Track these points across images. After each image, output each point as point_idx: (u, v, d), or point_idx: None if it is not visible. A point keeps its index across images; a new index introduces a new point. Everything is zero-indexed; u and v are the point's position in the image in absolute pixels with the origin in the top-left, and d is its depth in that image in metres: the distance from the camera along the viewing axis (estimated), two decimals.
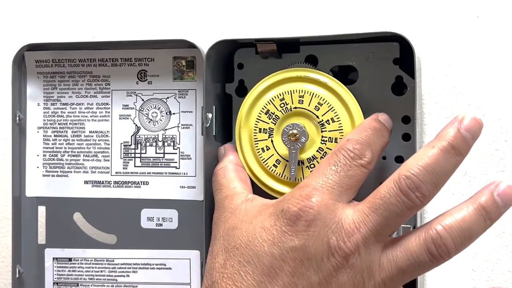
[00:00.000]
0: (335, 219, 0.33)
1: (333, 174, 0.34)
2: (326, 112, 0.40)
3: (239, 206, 0.38)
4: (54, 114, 0.47)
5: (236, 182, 0.40)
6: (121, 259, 0.46)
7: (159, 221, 0.45)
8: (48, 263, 0.47)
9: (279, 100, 0.41)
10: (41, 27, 0.55)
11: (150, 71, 0.46)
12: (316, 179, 0.35)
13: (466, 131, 0.33)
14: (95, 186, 0.46)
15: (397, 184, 0.33)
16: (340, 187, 0.34)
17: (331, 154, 0.36)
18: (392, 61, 0.42)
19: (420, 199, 0.33)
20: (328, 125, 0.40)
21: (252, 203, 0.37)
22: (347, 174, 0.34)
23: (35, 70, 0.47)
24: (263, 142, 0.41)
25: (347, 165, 0.35)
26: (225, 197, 0.39)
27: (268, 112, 0.41)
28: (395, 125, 0.41)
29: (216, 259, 0.36)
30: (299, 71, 0.41)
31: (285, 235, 0.34)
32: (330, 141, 0.40)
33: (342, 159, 0.35)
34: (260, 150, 0.41)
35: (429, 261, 0.33)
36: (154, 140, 0.46)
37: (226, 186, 0.40)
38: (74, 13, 0.54)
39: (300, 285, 0.33)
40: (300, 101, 0.40)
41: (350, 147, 0.35)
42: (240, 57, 0.46)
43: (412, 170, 0.33)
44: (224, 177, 0.41)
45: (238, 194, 0.39)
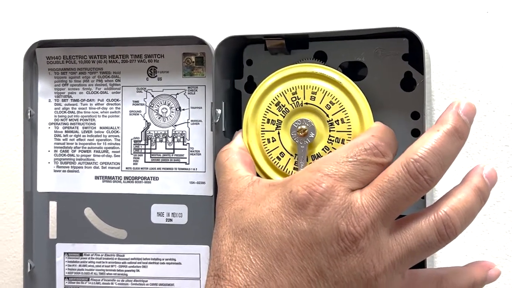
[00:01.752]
0: (344, 204, 0.33)
1: (348, 165, 0.34)
2: (337, 112, 0.40)
3: (246, 188, 0.37)
4: (65, 110, 0.47)
5: (240, 165, 0.40)
6: (131, 254, 0.46)
7: (169, 216, 0.46)
8: (59, 257, 0.47)
9: (291, 94, 0.41)
10: (52, 24, 0.56)
11: (160, 67, 0.46)
12: (328, 165, 0.34)
13: (464, 115, 0.35)
14: (106, 181, 0.47)
15: (405, 167, 0.33)
16: (352, 177, 0.34)
17: (351, 145, 0.35)
18: (401, 57, 0.42)
19: (428, 182, 0.33)
20: (337, 125, 0.40)
21: (258, 184, 0.37)
22: (363, 168, 0.34)
23: (46, 66, 0.47)
24: (269, 133, 0.41)
25: (366, 160, 0.34)
26: (229, 180, 0.39)
27: (279, 104, 0.41)
28: (404, 121, 0.41)
29: (223, 242, 0.36)
30: (314, 66, 0.41)
31: (294, 218, 0.34)
32: (337, 141, 0.40)
33: (363, 153, 0.35)
34: (266, 141, 0.41)
35: (437, 241, 0.33)
36: (164, 136, 0.46)
37: (229, 169, 0.39)
38: (85, 10, 0.55)
39: (309, 269, 0.33)
40: (312, 97, 0.40)
41: (375, 143, 0.35)
42: (249, 53, 0.46)
43: (419, 153, 0.33)
44: (227, 159, 0.40)
45: (242, 177, 0.38)
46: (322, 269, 0.33)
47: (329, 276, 0.33)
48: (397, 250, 0.33)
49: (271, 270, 0.33)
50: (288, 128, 0.41)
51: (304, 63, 0.42)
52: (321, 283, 0.33)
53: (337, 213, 0.33)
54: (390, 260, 0.33)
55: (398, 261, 0.33)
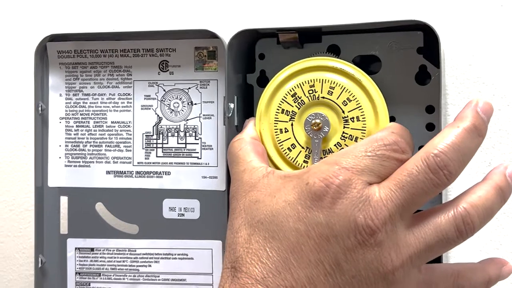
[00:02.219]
0: (362, 197, 0.33)
1: (366, 159, 0.34)
2: (354, 109, 0.39)
3: (260, 179, 0.37)
4: (76, 105, 0.47)
5: (253, 155, 0.39)
6: (143, 249, 0.46)
7: (181, 211, 0.46)
8: (70, 253, 0.47)
9: (309, 86, 0.40)
10: (63, 17, 0.55)
11: (171, 61, 0.46)
12: (346, 158, 0.34)
13: (483, 113, 0.35)
14: (117, 176, 0.46)
15: (425, 162, 0.33)
16: (370, 171, 0.34)
17: (371, 139, 0.35)
18: (416, 50, 0.42)
19: (447, 177, 0.33)
20: (352, 123, 0.39)
21: (273, 175, 0.37)
22: (382, 163, 0.34)
23: (57, 60, 0.47)
24: (283, 124, 0.41)
25: (385, 155, 0.34)
26: (243, 171, 0.38)
27: (295, 95, 0.40)
28: (419, 115, 0.41)
29: (238, 234, 0.36)
30: (334, 61, 0.40)
31: (310, 210, 0.33)
32: (350, 139, 0.39)
33: (382, 148, 0.34)
34: (278, 131, 0.41)
35: (456, 237, 0.33)
36: (175, 130, 0.46)
37: (242, 159, 0.39)
38: (96, 4, 0.55)
39: (326, 262, 0.33)
40: (329, 92, 0.40)
41: (395, 139, 0.35)
42: (261, 47, 0.45)
43: (439, 148, 0.33)
44: (240, 149, 0.40)
45: (256, 168, 0.38)
46: (339, 262, 0.33)
47: (346, 269, 0.33)
48: (415, 245, 0.33)
49: (288, 263, 0.33)
50: (302, 121, 0.40)
51: (321, 57, 0.41)
52: (338, 276, 0.33)
53: (354, 206, 0.33)
54: (407, 254, 0.33)
55: (415, 256, 0.33)
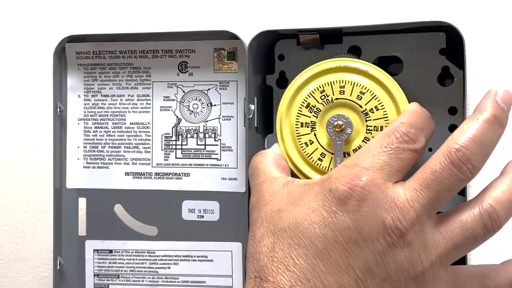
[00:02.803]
0: (387, 198, 0.33)
1: (383, 155, 0.34)
2: (369, 101, 0.39)
3: (280, 189, 0.37)
4: (95, 106, 0.47)
5: (272, 167, 0.39)
6: (162, 251, 0.46)
7: (200, 213, 0.45)
8: (88, 255, 0.47)
9: (319, 93, 0.40)
10: (82, 18, 0.55)
11: (191, 62, 0.46)
12: (364, 158, 0.34)
13: (503, 102, 0.34)
14: (136, 177, 0.46)
15: (447, 158, 0.33)
16: (390, 167, 0.34)
17: (383, 135, 0.35)
18: (438, 52, 0.42)
19: (471, 171, 0.33)
20: (372, 114, 0.39)
21: (293, 184, 0.37)
22: (399, 156, 0.34)
23: (76, 61, 0.47)
24: (306, 137, 0.41)
25: (400, 148, 0.34)
26: (263, 182, 0.38)
27: (309, 106, 0.41)
28: (441, 116, 0.41)
29: (261, 243, 0.35)
30: (339, 61, 0.41)
31: (336, 215, 0.33)
32: (375, 130, 0.39)
33: (395, 141, 0.34)
34: (304, 145, 0.41)
35: (483, 234, 0.33)
36: (195, 131, 0.46)
37: (262, 171, 0.39)
38: (115, 5, 0.54)
39: (356, 267, 0.32)
40: (341, 91, 0.40)
41: (404, 130, 0.35)
42: (281, 48, 0.45)
43: (461, 143, 0.33)
44: (260, 162, 0.40)
45: (276, 178, 0.38)
46: (369, 266, 0.32)
47: (377, 273, 0.32)
48: (443, 244, 0.33)
49: (316, 269, 0.33)
50: (323, 124, 0.40)
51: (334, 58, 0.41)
52: (369, 281, 0.32)
53: (380, 207, 0.32)
54: (436, 254, 0.33)
55: (444, 255, 0.33)
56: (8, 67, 0.59)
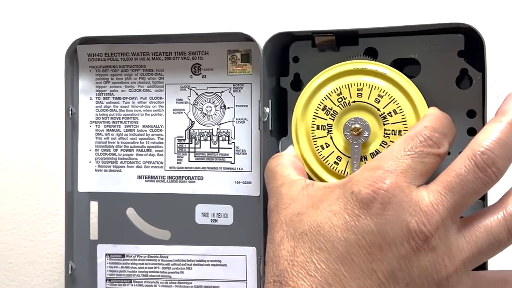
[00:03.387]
0: (411, 202, 0.32)
1: (407, 159, 0.33)
2: (388, 104, 0.39)
3: (300, 192, 0.36)
4: (107, 108, 0.46)
5: (290, 169, 0.39)
6: (175, 255, 0.45)
7: (214, 217, 0.45)
8: (100, 259, 0.46)
9: (336, 95, 0.40)
10: (94, 20, 0.55)
11: (204, 64, 0.45)
12: (388, 161, 0.33)
13: None
14: (149, 181, 0.46)
15: (472, 161, 0.32)
16: (414, 171, 0.33)
17: (406, 138, 0.34)
18: (456, 54, 0.41)
19: (496, 174, 0.32)
20: (391, 117, 0.39)
21: (313, 187, 0.36)
22: (422, 160, 0.33)
23: (87, 63, 0.46)
24: (322, 140, 0.40)
25: (424, 152, 0.33)
26: (281, 185, 0.38)
27: (326, 108, 0.40)
28: (460, 119, 0.40)
29: (281, 247, 0.34)
30: (355, 63, 0.40)
31: (358, 219, 0.32)
32: (393, 134, 0.39)
33: (419, 145, 0.34)
34: (320, 148, 0.40)
35: (507, 239, 0.33)
36: (208, 134, 0.45)
37: (280, 174, 0.38)
38: (127, 6, 0.54)
39: (380, 271, 0.32)
40: (358, 94, 0.39)
41: (428, 134, 0.34)
42: (295, 50, 0.45)
43: (485, 145, 0.32)
44: (277, 165, 0.39)
45: (295, 181, 0.37)
46: (393, 271, 0.32)
47: (400, 278, 0.32)
48: (467, 249, 0.32)
49: (338, 274, 0.32)
50: (340, 128, 0.40)
51: (351, 60, 0.40)
52: (392, 285, 0.32)
53: (405, 211, 0.32)
54: (460, 259, 0.32)
55: (468, 260, 0.32)
56: (17, 69, 0.58)
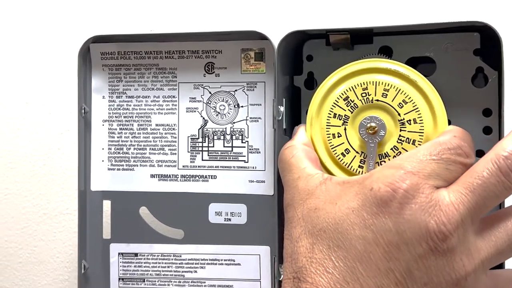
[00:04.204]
0: (431, 202, 0.32)
1: (432, 163, 0.33)
2: (410, 112, 0.38)
3: (317, 186, 0.36)
4: (120, 107, 0.46)
5: (306, 162, 0.38)
6: (188, 254, 0.45)
7: (227, 216, 0.45)
8: (113, 258, 0.46)
9: (362, 89, 0.39)
10: (107, 19, 0.55)
11: (217, 63, 0.45)
12: (411, 162, 0.33)
13: None
14: (162, 180, 0.46)
15: (496, 164, 0.32)
16: (437, 176, 0.33)
17: (433, 143, 0.34)
18: (472, 52, 0.41)
19: None
20: (409, 125, 0.38)
21: (331, 182, 0.36)
22: (448, 167, 0.33)
23: (100, 62, 0.46)
24: (335, 128, 0.40)
25: (450, 160, 0.33)
26: (298, 178, 0.37)
27: (348, 99, 0.39)
28: (476, 118, 0.40)
29: (299, 243, 0.34)
30: (387, 62, 0.39)
31: (377, 217, 0.32)
32: (407, 142, 0.38)
33: (447, 152, 0.33)
34: (331, 136, 0.40)
35: None
36: (222, 133, 0.45)
37: (296, 166, 0.38)
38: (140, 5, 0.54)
39: (397, 270, 0.32)
40: (384, 94, 0.39)
41: (458, 143, 0.34)
42: (309, 48, 0.45)
43: (510, 150, 0.32)
44: (292, 156, 0.39)
45: (312, 174, 0.37)
46: (410, 270, 0.32)
47: (418, 277, 0.32)
48: (486, 249, 0.32)
49: (356, 272, 0.32)
50: (355, 125, 0.39)
51: (373, 58, 0.40)
52: (409, 284, 0.32)
53: (424, 211, 0.32)
54: (479, 259, 0.32)
55: (487, 260, 0.32)
56: (28, 67, 0.58)
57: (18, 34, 0.58)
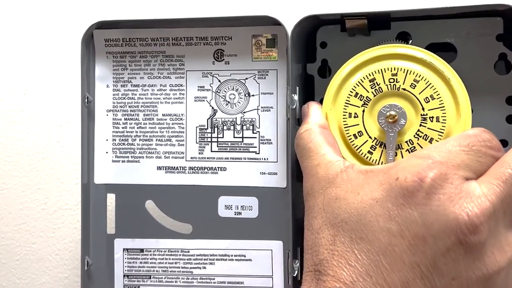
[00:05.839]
0: (461, 193, 0.30)
1: (462, 154, 0.31)
2: (435, 109, 0.37)
3: (338, 174, 0.34)
4: (125, 96, 0.44)
5: (326, 147, 0.36)
6: (197, 249, 0.43)
7: (237, 210, 0.43)
8: (117, 254, 0.44)
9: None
10: (111, 4, 0.52)
11: (227, 50, 0.43)
12: (440, 153, 0.32)
13: None
14: (169, 172, 0.44)
15: None
16: (467, 167, 0.31)
17: (462, 135, 0.33)
18: (494, 38, 0.39)
19: None
20: (431, 123, 0.37)
21: (353, 170, 0.34)
22: (478, 159, 0.32)
23: (104, 49, 0.44)
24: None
25: (481, 151, 0.32)
26: (317, 165, 0.35)
27: (374, 81, 0.38)
28: (498, 106, 0.39)
29: (320, 235, 0.33)
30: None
31: (402, 208, 0.30)
32: (424, 138, 0.37)
33: (477, 144, 0.32)
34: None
35: None
36: (232, 123, 0.43)
37: (315, 152, 0.36)
38: None
39: (423, 264, 0.30)
40: (413, 85, 0.37)
41: (489, 136, 0.32)
42: (323, 35, 0.43)
43: None
44: (310, 142, 0.37)
45: (332, 161, 0.35)
46: (437, 264, 0.30)
47: (445, 271, 0.30)
48: None
49: (379, 266, 0.30)
50: (374, 111, 0.38)
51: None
52: (436, 279, 0.30)
53: (453, 202, 0.30)
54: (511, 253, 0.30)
55: None
56: (26, 56, 0.56)
57: (16, 20, 0.56)
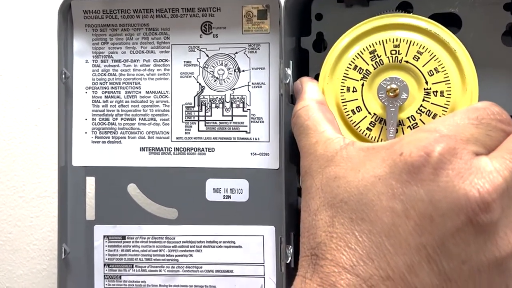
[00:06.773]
0: (471, 168, 0.28)
1: (470, 127, 0.29)
2: (439, 82, 0.34)
3: (337, 152, 0.32)
4: (105, 72, 0.41)
5: (325, 124, 0.34)
6: (183, 236, 0.41)
7: (226, 193, 0.40)
8: (97, 242, 0.41)
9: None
10: None
11: (215, 22, 0.40)
12: (448, 126, 0.29)
13: None
14: (153, 153, 0.41)
15: None
16: (476, 141, 0.29)
17: (471, 108, 0.30)
18: (502, 7, 0.37)
19: None
20: (434, 97, 0.35)
21: (353, 147, 0.31)
22: (488, 133, 0.29)
23: (83, 22, 0.41)
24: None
25: (491, 125, 0.29)
26: (315, 143, 0.33)
27: (374, 52, 0.35)
28: (506, 80, 0.36)
29: (317, 216, 0.30)
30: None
31: (407, 185, 0.28)
32: (427, 114, 0.35)
33: (487, 117, 0.29)
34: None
35: None
36: (220, 101, 0.40)
37: (313, 130, 0.34)
38: None
39: (430, 246, 0.27)
40: (416, 57, 0.35)
41: (498, 110, 0.30)
42: (318, 6, 0.40)
43: None
44: (308, 119, 0.35)
45: (331, 139, 0.33)
46: (445, 246, 0.27)
47: (454, 254, 0.27)
48: None
49: (382, 248, 0.28)
50: (374, 85, 0.36)
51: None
52: (444, 263, 0.27)
53: (463, 178, 0.27)
54: None
55: None
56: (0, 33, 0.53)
57: None
